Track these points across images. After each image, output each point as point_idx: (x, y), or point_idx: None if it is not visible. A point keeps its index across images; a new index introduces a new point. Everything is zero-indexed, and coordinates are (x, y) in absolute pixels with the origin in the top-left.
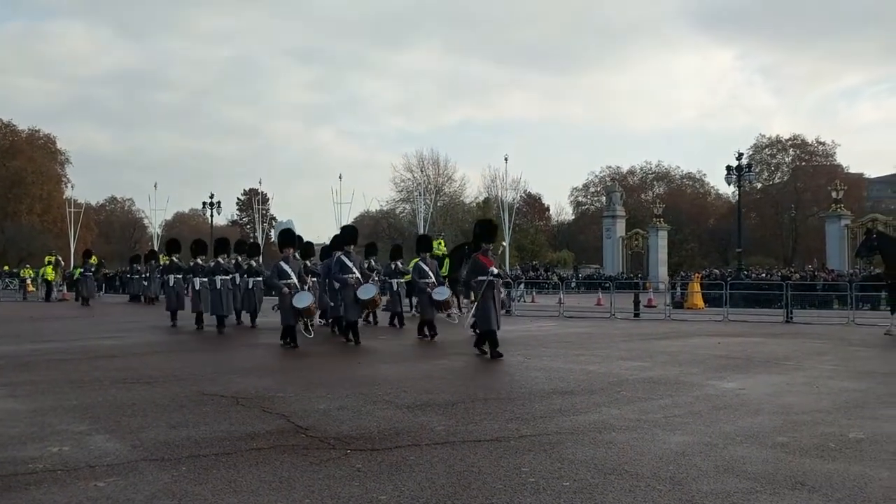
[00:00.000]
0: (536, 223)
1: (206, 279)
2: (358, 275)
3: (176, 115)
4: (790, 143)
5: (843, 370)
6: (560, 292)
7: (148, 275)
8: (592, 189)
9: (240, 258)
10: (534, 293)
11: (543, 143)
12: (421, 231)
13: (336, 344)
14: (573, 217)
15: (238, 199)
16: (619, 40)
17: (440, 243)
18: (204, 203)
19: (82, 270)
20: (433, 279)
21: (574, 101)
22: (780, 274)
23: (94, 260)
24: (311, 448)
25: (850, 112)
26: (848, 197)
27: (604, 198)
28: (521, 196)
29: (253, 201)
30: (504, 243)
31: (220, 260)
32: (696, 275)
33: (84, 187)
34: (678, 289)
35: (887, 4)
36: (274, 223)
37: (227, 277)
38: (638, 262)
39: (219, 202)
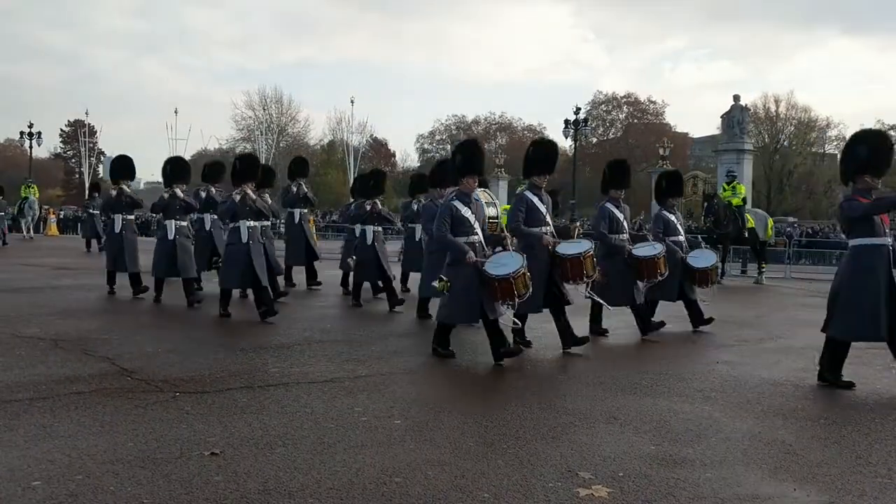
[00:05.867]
0: (383, 169)
1: (185, 223)
2: (552, 228)
3: None
4: (624, 100)
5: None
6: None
7: None
8: (438, 137)
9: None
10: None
11: (387, 87)
12: None
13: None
14: (419, 164)
15: (62, 130)
16: None
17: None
18: (22, 133)
19: None
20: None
21: (415, 46)
22: None
23: None
24: (137, 391)
25: (673, 74)
26: (674, 155)
27: (449, 146)
28: (367, 140)
29: (78, 133)
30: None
31: (247, 191)
32: None
33: None
34: None
35: None
36: (102, 158)
37: (258, 224)
38: None
39: (39, 132)
